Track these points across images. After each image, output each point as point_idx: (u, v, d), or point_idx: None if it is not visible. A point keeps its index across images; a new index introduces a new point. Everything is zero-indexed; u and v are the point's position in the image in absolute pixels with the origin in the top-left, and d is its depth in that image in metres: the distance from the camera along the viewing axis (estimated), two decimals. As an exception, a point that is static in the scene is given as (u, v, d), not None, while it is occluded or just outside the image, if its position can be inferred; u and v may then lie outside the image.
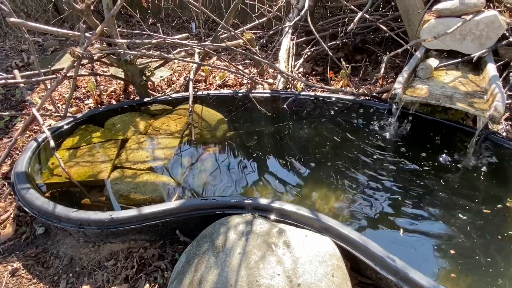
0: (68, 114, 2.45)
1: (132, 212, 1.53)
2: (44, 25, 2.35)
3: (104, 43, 2.60)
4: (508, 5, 2.58)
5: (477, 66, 2.51)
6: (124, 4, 2.33)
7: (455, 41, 2.52)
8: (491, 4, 2.79)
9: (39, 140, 2.03)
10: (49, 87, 2.42)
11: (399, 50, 2.26)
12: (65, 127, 2.25)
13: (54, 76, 2.36)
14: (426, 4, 2.82)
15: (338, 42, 3.68)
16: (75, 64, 2.25)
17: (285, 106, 2.58)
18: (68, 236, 1.74)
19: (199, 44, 2.65)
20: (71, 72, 2.32)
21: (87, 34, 2.28)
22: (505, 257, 1.53)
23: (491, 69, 2.26)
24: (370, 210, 1.78)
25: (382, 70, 2.45)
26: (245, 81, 3.32)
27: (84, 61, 2.49)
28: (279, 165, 2.13)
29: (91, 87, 2.91)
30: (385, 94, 2.91)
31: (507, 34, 2.81)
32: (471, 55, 2.42)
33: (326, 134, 2.40)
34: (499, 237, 1.61)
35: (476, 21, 2.40)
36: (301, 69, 3.60)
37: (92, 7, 2.23)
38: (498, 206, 1.77)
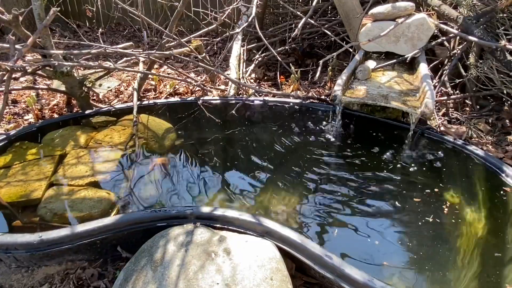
0: (2, 131, 2.30)
1: (64, 231, 1.45)
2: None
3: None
4: (436, 8, 2.77)
5: (411, 66, 2.66)
6: (59, 14, 2.23)
7: (390, 43, 2.66)
8: (421, 8, 2.98)
9: (-35, 161, 1.88)
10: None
11: (335, 54, 2.35)
12: (-4, 145, 2.10)
13: (-18, 91, 2.21)
14: (365, 9, 2.97)
15: (287, 47, 3.77)
16: (5, 79, 2.12)
17: (233, 112, 2.58)
18: (-2, 263, 1.62)
19: (142, 52, 2.60)
20: (2, 87, 2.18)
21: (17, 46, 2.16)
22: (435, 242, 1.61)
23: (423, 68, 2.40)
24: (317, 210, 1.82)
25: (318, 73, 2.54)
26: (196, 89, 3.29)
27: (17, 75, 2.35)
28: (229, 172, 2.12)
29: (30, 102, 2.75)
30: (330, 96, 3.01)
31: (439, 34, 3.01)
32: (405, 56, 2.56)
33: (275, 138, 2.43)
34: (430, 223, 1.71)
35: (407, 23, 2.55)
36: (253, 75, 3.63)
37: (21, 18, 2.12)
38: (431, 196, 1.88)
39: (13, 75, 2.22)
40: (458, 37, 2.91)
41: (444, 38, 2.73)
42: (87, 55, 2.38)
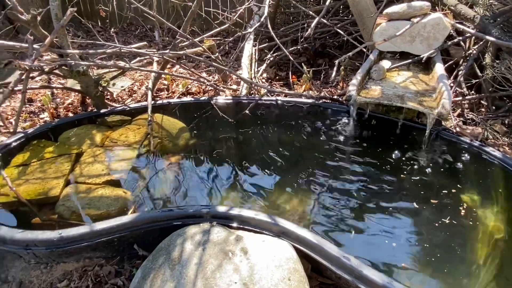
0: (20, 129, 2.34)
1: (83, 229, 1.46)
2: (-12, 38, 2.23)
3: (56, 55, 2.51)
4: (452, 7, 2.73)
5: (427, 66, 2.63)
6: (76, 14, 2.26)
7: (406, 43, 2.64)
8: (436, 7, 2.94)
9: (-15, 158, 1.92)
10: (-4, 102, 2.29)
11: (351, 53, 2.33)
12: (15, 143, 2.13)
13: (0, 90, 2.25)
14: (379, 8, 2.94)
15: (299, 47, 3.75)
16: (23, 78, 2.15)
17: (247, 112, 2.58)
18: (17, 259, 1.64)
19: (157, 52, 2.62)
20: (20, 86, 2.22)
21: (35, 46, 2.19)
22: (453, 244, 1.59)
23: (439, 68, 2.37)
24: (330, 211, 1.81)
25: (334, 73, 2.51)
26: (208, 88, 3.30)
27: (35, 74, 2.39)
28: (243, 172, 2.12)
29: (46, 101, 2.79)
30: (345, 96, 2.99)
31: (454, 34, 2.97)
32: (421, 56, 2.53)
33: (288, 138, 2.43)
34: (448, 225, 1.69)
35: (423, 23, 2.52)
36: (264, 75, 3.63)
37: (39, 18, 2.15)
38: (448, 198, 1.85)
39: (31, 74, 2.25)
40: (473, 37, 2.87)
41: (460, 38, 2.69)
42: (102, 54, 2.40)
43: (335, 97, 2.93)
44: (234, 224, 1.55)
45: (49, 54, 3.29)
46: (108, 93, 2.86)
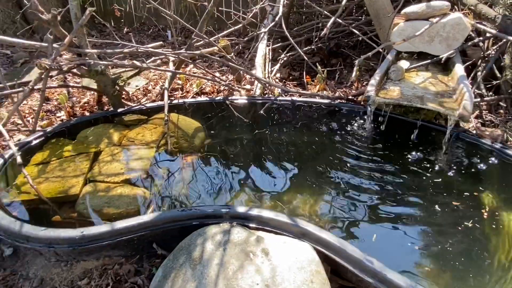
0: (38, 128, 2.37)
1: (104, 227, 1.47)
2: (9, 37, 2.26)
3: (74, 54, 2.53)
4: (472, 7, 2.69)
5: (446, 66, 2.59)
6: (94, 14, 2.27)
7: (424, 43, 2.60)
8: (456, 7, 2.89)
9: (6, 156, 1.94)
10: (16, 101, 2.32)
11: (370, 54, 2.30)
12: (34, 141, 2.16)
13: (20, 89, 2.28)
14: (396, 8, 2.90)
15: (313, 47, 3.73)
16: (42, 77, 2.18)
17: (262, 112, 2.57)
18: (38, 256, 1.66)
19: (173, 52, 2.62)
20: (39, 85, 2.25)
21: (55, 45, 2.21)
22: (476, 249, 1.56)
23: (459, 69, 2.33)
24: (349, 213, 1.79)
25: (354, 73, 2.48)
26: (222, 88, 3.30)
27: (53, 73, 2.41)
28: (258, 172, 2.11)
29: (63, 100, 2.82)
30: (360, 97, 2.96)
31: (473, 35, 2.92)
32: (440, 56, 2.49)
33: (304, 139, 2.41)
34: (471, 228, 1.66)
35: (442, 23, 2.48)
36: (278, 74, 3.62)
37: (60, 18, 2.17)
38: (470, 200, 1.82)
39: (50, 73, 2.28)
40: (492, 38, 2.81)
41: (481, 38, 2.64)
42: (120, 54, 2.42)
43: (350, 97, 2.91)
44: (253, 225, 1.54)
45: (64, 53, 3.33)
46: (124, 92, 2.88)
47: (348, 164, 2.11)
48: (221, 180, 2.05)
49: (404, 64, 2.53)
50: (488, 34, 2.59)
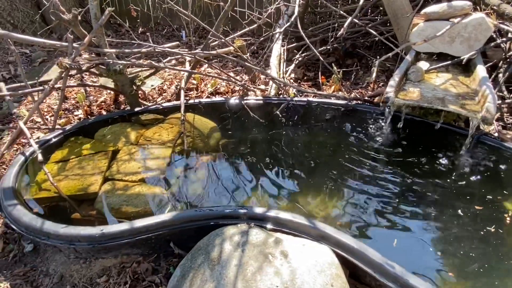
0: (57, 126, 2.40)
1: (123, 226, 1.48)
2: (30, 37, 2.31)
3: (93, 53, 2.56)
4: (495, 7, 2.62)
5: (467, 68, 2.53)
6: (113, 13, 2.30)
7: (445, 44, 2.54)
8: (478, 7, 2.82)
9: (27, 154, 1.97)
10: (36, 99, 2.37)
11: (390, 54, 2.26)
12: (54, 139, 2.19)
13: (41, 88, 2.32)
14: (415, 8, 2.85)
15: (328, 47, 3.69)
16: (62, 75, 2.21)
17: (277, 113, 2.56)
18: (58, 253, 1.69)
19: (189, 52, 2.63)
20: (59, 84, 2.28)
21: (74, 45, 2.24)
22: (499, 255, 1.52)
23: (481, 70, 2.27)
24: (367, 216, 1.76)
25: (374, 74, 2.44)
26: (237, 88, 3.30)
27: (73, 72, 2.45)
28: (274, 173, 2.10)
29: (81, 98, 2.86)
30: (376, 98, 2.92)
31: (494, 36, 2.85)
32: (461, 57, 2.43)
33: (320, 140, 2.39)
34: (493, 233, 1.61)
35: (464, 23, 2.42)
36: (292, 75, 3.60)
37: (79, 17, 2.20)
38: (492, 204, 1.77)
39: (69, 72, 2.31)
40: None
41: (504, 39, 2.57)
42: (137, 54, 2.44)
43: (367, 98, 2.87)
44: (270, 226, 1.53)
45: (86, 52, 3.38)
46: (141, 92, 2.90)
47: (366, 166, 2.08)
48: (236, 180, 2.05)
49: (423, 65, 2.48)
50: (511, 35, 2.52)
